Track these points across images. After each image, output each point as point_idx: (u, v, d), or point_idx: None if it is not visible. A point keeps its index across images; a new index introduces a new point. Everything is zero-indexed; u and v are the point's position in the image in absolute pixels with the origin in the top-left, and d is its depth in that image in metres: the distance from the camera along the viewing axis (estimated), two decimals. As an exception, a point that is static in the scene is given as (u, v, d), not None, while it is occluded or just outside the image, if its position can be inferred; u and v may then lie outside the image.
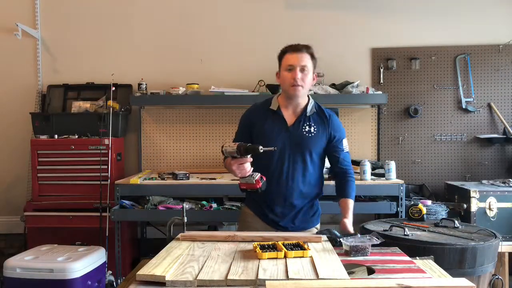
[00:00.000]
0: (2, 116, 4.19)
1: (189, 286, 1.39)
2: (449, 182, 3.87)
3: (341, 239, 1.86)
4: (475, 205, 3.39)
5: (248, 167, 2.05)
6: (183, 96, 3.87)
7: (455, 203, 3.57)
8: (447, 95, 4.12)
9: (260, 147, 1.97)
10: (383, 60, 4.12)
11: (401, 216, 3.31)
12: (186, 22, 4.18)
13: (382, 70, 4.09)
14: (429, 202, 3.35)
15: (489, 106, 4.10)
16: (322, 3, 4.15)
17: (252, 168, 2.07)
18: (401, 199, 3.36)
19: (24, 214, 3.73)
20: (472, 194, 3.40)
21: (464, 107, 4.09)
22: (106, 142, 3.66)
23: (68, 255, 2.97)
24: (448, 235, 2.42)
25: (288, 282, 1.32)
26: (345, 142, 2.35)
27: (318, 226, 2.38)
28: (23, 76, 4.19)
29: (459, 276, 1.44)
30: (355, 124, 4.11)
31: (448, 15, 4.11)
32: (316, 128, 2.28)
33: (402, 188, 3.37)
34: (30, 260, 2.90)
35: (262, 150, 1.97)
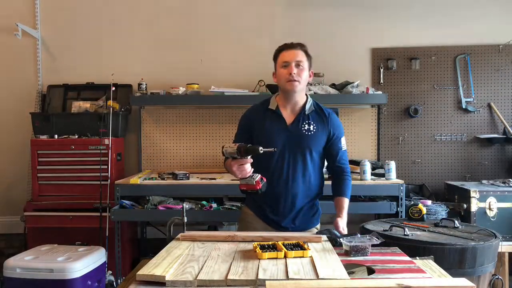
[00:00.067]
0: (2, 116, 4.19)
1: (189, 286, 1.39)
2: (449, 182, 3.87)
3: (341, 239, 1.86)
4: (475, 205, 3.39)
5: (248, 168, 2.05)
6: (183, 96, 3.87)
7: (455, 203, 3.57)
8: (447, 95, 4.12)
9: (260, 148, 1.97)
10: (383, 60, 4.12)
11: (401, 216, 3.31)
12: (186, 22, 4.18)
13: (382, 70, 4.09)
14: (429, 202, 3.35)
15: (489, 106, 4.10)
16: (322, 3, 4.15)
17: (252, 169, 2.07)
18: (401, 199, 3.36)
19: (24, 214, 3.72)
20: (472, 194, 3.40)
21: (464, 107, 4.09)
22: (106, 142, 3.66)
23: (68, 255, 2.97)
24: (448, 235, 2.43)
25: (288, 282, 1.31)
26: (343, 140, 2.35)
27: (318, 226, 2.38)
28: (23, 76, 4.19)
29: (459, 276, 1.44)
30: (355, 124, 4.11)
31: (448, 15, 4.11)
32: (315, 126, 2.27)
33: (402, 188, 3.38)
34: (30, 260, 2.90)
35: (262, 151, 1.97)
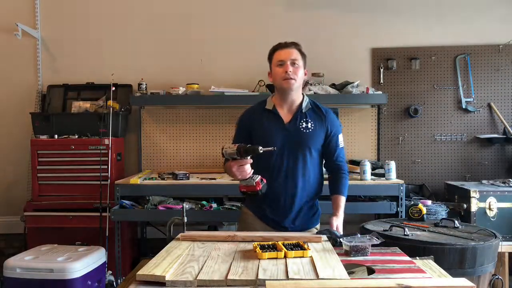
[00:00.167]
0: (2, 116, 4.19)
1: (189, 286, 1.39)
2: (449, 182, 3.87)
3: (341, 239, 1.86)
4: (475, 205, 3.39)
5: (248, 169, 2.05)
6: (183, 96, 3.87)
7: (455, 203, 3.57)
8: (447, 95, 4.12)
9: (260, 148, 1.96)
10: (383, 60, 4.12)
11: (401, 216, 3.31)
12: (186, 22, 4.18)
13: (382, 70, 4.09)
14: (429, 202, 3.35)
15: (489, 106, 4.09)
16: (322, 4, 4.15)
17: (252, 170, 2.06)
18: (401, 199, 3.36)
19: (24, 214, 3.72)
20: (472, 194, 3.40)
21: (464, 107, 4.08)
22: (106, 142, 3.66)
23: (68, 255, 2.97)
24: (448, 235, 2.42)
25: (288, 282, 1.31)
26: (340, 138, 2.35)
27: (318, 226, 2.38)
28: (23, 76, 4.19)
29: (459, 276, 1.44)
30: (355, 124, 4.11)
31: (448, 15, 4.11)
32: (313, 124, 2.27)
33: (402, 188, 3.38)
34: (30, 260, 2.90)
35: (262, 151, 1.96)
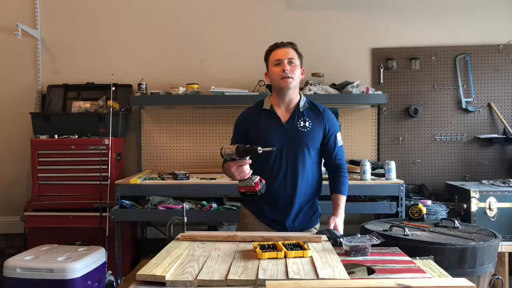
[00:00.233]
0: (2, 116, 4.19)
1: (189, 286, 1.39)
2: (449, 182, 3.87)
3: (341, 239, 1.86)
4: (475, 205, 3.39)
5: (247, 170, 2.04)
6: (183, 96, 3.87)
7: (455, 203, 3.57)
8: (447, 95, 4.12)
9: (259, 148, 1.96)
10: (383, 60, 4.12)
11: (401, 216, 3.31)
12: (186, 22, 4.18)
13: (382, 70, 4.09)
14: (429, 202, 3.35)
15: (489, 106, 4.09)
16: (322, 3, 4.15)
17: (251, 171, 2.06)
18: (401, 199, 3.36)
19: (24, 214, 3.72)
20: (472, 194, 3.40)
21: (464, 107, 4.08)
22: (106, 142, 3.66)
23: (68, 255, 2.97)
24: (448, 235, 2.43)
25: (288, 282, 1.31)
26: (339, 136, 2.35)
27: (318, 226, 2.38)
28: (23, 76, 4.19)
29: (459, 276, 1.44)
30: (355, 124, 4.11)
31: (448, 15, 4.11)
32: (311, 123, 2.27)
33: (402, 188, 3.37)
34: (30, 260, 2.90)
35: (261, 151, 1.96)
